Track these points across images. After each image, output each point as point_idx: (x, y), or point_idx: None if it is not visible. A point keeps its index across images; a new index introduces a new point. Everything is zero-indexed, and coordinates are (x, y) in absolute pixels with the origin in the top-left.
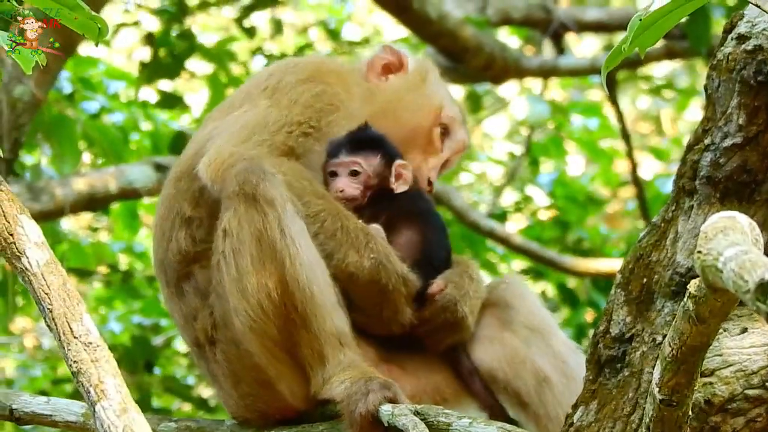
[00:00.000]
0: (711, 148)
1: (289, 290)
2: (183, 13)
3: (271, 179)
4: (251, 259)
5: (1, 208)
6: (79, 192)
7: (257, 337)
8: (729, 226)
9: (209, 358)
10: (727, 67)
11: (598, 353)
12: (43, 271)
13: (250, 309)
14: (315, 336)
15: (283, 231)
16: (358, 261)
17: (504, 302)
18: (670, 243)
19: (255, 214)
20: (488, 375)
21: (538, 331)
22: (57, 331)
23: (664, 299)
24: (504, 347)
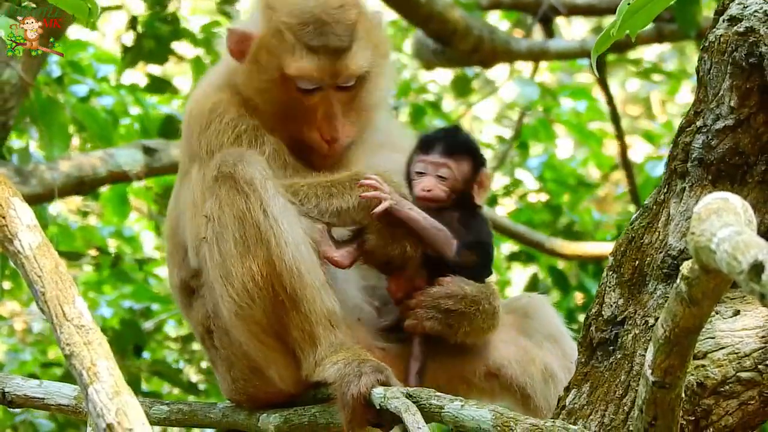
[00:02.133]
0: (703, 131)
1: (276, 271)
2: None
3: (248, 159)
4: (234, 243)
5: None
6: (67, 175)
7: (244, 323)
8: (722, 207)
9: (209, 348)
10: (719, 49)
11: (590, 336)
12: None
13: (236, 294)
14: (305, 317)
15: (266, 211)
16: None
17: (523, 312)
18: (662, 225)
19: (236, 195)
20: (498, 370)
21: (551, 337)
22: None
23: (656, 282)
24: (517, 348)
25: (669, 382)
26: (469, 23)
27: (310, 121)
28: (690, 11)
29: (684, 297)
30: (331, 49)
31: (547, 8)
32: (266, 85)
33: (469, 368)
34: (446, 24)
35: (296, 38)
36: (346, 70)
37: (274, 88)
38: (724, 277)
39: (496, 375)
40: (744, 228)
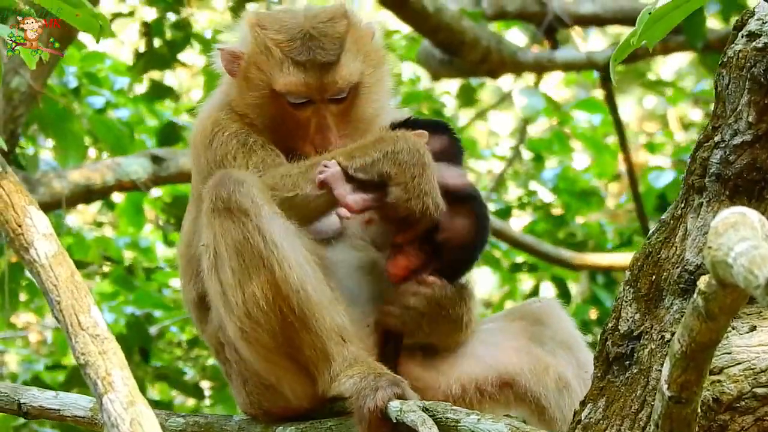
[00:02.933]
0: (721, 146)
1: (283, 293)
2: (179, 2)
3: (240, 187)
4: (232, 272)
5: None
6: (75, 184)
7: (250, 345)
8: (739, 222)
9: (224, 361)
10: (737, 64)
11: (606, 350)
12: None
13: (238, 321)
14: (316, 335)
15: (265, 236)
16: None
17: (535, 318)
18: (679, 240)
19: (231, 225)
20: (512, 380)
21: (564, 344)
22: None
23: (672, 296)
24: (530, 356)
25: (685, 398)
26: (477, 34)
27: (304, 134)
28: (696, 23)
29: (701, 312)
30: (318, 64)
31: (552, 18)
32: (258, 101)
33: (483, 379)
34: (454, 34)
35: (283, 54)
36: (335, 84)
37: (266, 104)
38: (740, 291)
39: (510, 384)
40: (761, 243)
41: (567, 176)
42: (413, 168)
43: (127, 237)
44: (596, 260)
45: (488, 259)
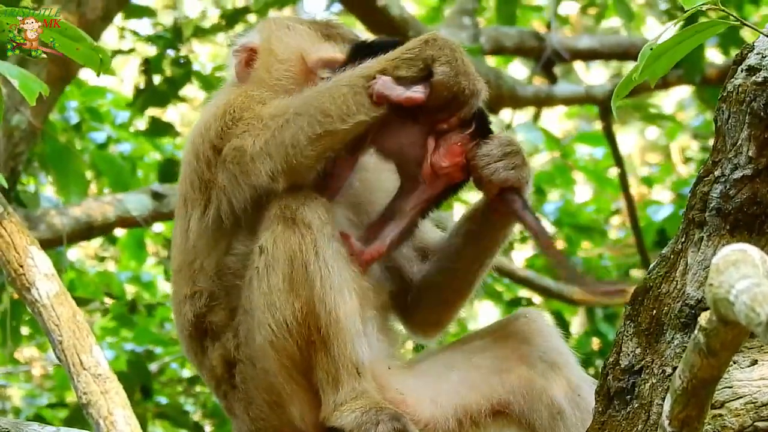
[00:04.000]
0: (721, 180)
1: (315, 311)
2: (179, 39)
3: (310, 203)
4: (282, 277)
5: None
6: (77, 220)
7: (276, 353)
8: (740, 259)
9: (227, 391)
10: (737, 99)
11: (607, 385)
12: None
13: (274, 324)
14: (333, 360)
15: (318, 253)
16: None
17: (522, 336)
18: (679, 275)
19: (292, 234)
20: (504, 408)
21: (555, 364)
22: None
23: (673, 331)
24: (520, 380)
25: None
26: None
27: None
28: (694, 56)
29: (702, 348)
30: (346, 39)
31: (550, 53)
32: (284, 83)
33: (477, 411)
34: None
35: (312, 29)
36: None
37: (289, 78)
38: (742, 328)
39: (504, 413)
40: (762, 280)
41: (569, 210)
42: (453, 50)
43: (129, 271)
44: None
45: (490, 292)
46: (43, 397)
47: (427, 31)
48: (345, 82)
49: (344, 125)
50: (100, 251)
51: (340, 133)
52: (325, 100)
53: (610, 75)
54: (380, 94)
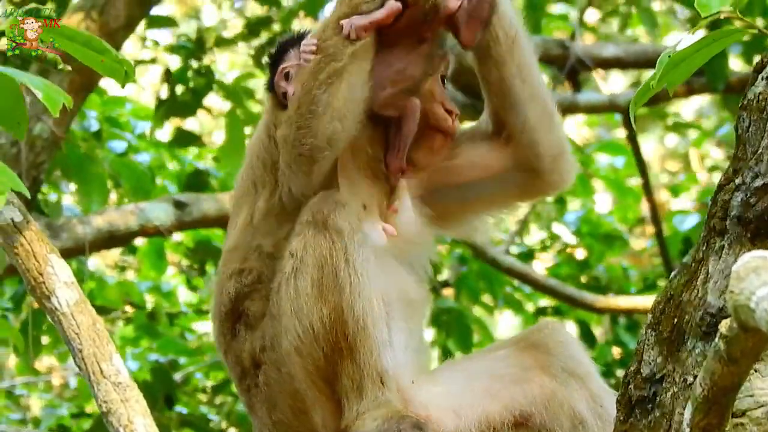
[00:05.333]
0: (742, 188)
1: (343, 318)
2: (201, 49)
3: (341, 209)
4: (311, 282)
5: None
6: (98, 230)
7: (302, 359)
8: (761, 266)
9: (250, 387)
10: (758, 107)
11: (629, 393)
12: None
13: (301, 329)
14: (358, 368)
15: (348, 260)
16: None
17: (544, 347)
18: (701, 283)
19: (322, 240)
20: (526, 419)
21: (576, 375)
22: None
23: (695, 339)
24: (542, 390)
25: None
26: None
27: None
28: (718, 64)
29: (722, 355)
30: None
31: (574, 61)
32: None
33: (499, 421)
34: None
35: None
36: None
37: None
38: (763, 335)
39: (525, 424)
40: None
41: (590, 219)
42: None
43: (149, 281)
44: (619, 303)
45: (511, 302)
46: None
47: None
48: (322, 46)
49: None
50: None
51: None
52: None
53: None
54: (359, 28)
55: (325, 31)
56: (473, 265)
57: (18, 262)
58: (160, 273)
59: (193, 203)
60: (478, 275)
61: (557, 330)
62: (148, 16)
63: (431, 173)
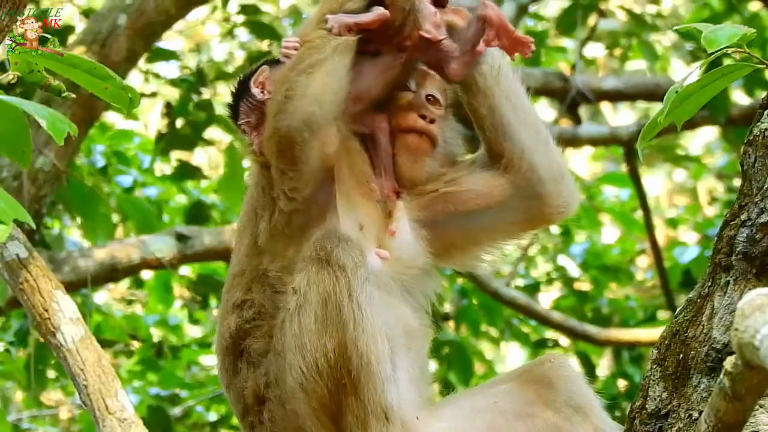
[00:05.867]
0: (747, 224)
1: (347, 354)
2: (202, 83)
3: (345, 245)
4: (315, 318)
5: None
6: (101, 263)
7: (306, 396)
8: (766, 304)
9: (254, 423)
10: (763, 143)
11: (634, 429)
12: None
13: (305, 366)
14: (363, 405)
15: (351, 296)
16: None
17: (548, 381)
18: (706, 319)
19: (325, 276)
20: None
21: (581, 409)
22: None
23: (700, 375)
24: (546, 425)
25: None
26: None
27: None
28: (720, 97)
29: (727, 392)
30: None
31: (574, 94)
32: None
33: None
34: None
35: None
36: None
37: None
38: (767, 373)
39: None
40: None
41: (595, 251)
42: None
43: (156, 314)
44: (620, 336)
45: (517, 334)
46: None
47: None
48: (307, 38)
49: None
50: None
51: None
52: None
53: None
54: (344, 26)
55: (309, 26)
56: (474, 298)
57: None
58: (168, 306)
59: (195, 236)
60: (480, 308)
61: (560, 364)
62: (150, 49)
63: (432, 201)
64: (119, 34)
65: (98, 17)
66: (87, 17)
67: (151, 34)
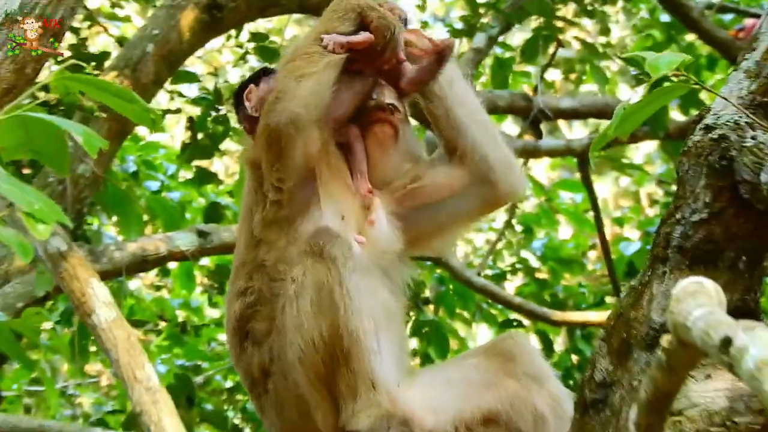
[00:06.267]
0: (681, 222)
1: (339, 332)
2: (219, 101)
3: (335, 240)
4: (310, 303)
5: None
6: (133, 255)
7: (304, 368)
8: (697, 290)
9: (260, 393)
10: (696, 153)
11: (584, 396)
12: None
13: (303, 343)
14: (353, 374)
15: (342, 283)
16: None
17: (510, 355)
18: (646, 303)
19: (319, 267)
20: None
21: (538, 379)
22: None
23: (640, 351)
24: (508, 392)
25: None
26: None
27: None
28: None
29: (663, 365)
30: None
31: (536, 112)
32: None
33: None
34: None
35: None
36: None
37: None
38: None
39: (494, 421)
40: (716, 308)
41: (552, 246)
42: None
43: (180, 298)
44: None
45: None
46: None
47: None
48: (302, 52)
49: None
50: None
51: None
52: (296, 66)
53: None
54: (337, 43)
55: (306, 40)
56: (450, 285)
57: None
58: (190, 292)
59: (213, 233)
60: (455, 294)
61: (520, 340)
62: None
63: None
64: (148, 60)
65: (130, 45)
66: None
67: (175, 60)
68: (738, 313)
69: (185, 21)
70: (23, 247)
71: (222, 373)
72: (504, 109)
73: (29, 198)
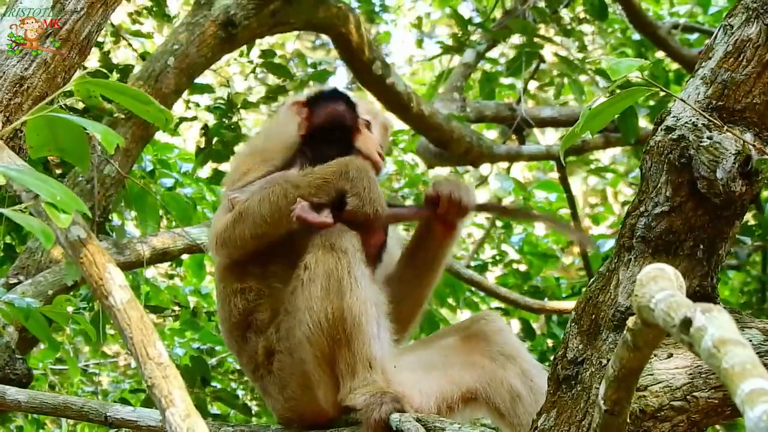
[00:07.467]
0: (645, 215)
1: (344, 316)
2: (231, 110)
3: (344, 235)
4: (320, 287)
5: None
6: (154, 248)
7: (311, 346)
8: (659, 276)
9: (264, 374)
10: (658, 151)
11: (557, 373)
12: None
13: (311, 323)
14: (353, 354)
15: (350, 272)
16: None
17: (483, 335)
18: (613, 288)
19: (330, 257)
20: (472, 394)
21: (511, 357)
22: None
23: (608, 331)
24: (484, 370)
25: (617, 410)
26: (462, 132)
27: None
28: (631, 123)
29: (629, 344)
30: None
31: (520, 121)
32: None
33: (450, 397)
34: (444, 133)
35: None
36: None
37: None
38: (660, 329)
39: (473, 399)
40: (676, 292)
41: (530, 241)
42: (362, 179)
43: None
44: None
45: (470, 304)
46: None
47: (423, 104)
48: (279, 194)
49: (277, 230)
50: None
51: (273, 234)
52: (264, 207)
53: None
54: (299, 217)
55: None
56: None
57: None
58: (201, 280)
59: None
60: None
61: (492, 320)
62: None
63: None
64: (168, 72)
65: (152, 59)
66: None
67: (193, 73)
68: (696, 297)
69: (203, 37)
70: (45, 233)
71: (233, 355)
72: (491, 118)
73: (52, 190)
